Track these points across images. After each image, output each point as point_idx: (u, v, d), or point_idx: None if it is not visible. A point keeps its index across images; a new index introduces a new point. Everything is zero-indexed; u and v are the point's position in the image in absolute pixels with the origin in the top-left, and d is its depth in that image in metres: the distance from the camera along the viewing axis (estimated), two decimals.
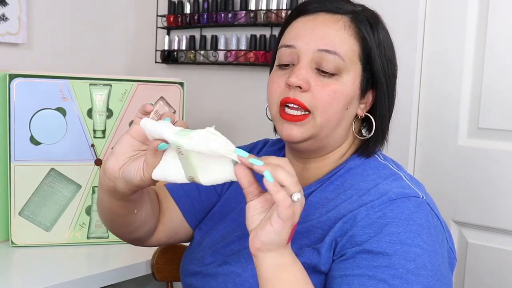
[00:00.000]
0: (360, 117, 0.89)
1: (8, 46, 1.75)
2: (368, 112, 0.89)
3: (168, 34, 1.99)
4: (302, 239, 0.83)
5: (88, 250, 1.30)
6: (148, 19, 2.05)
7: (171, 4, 1.95)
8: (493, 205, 1.36)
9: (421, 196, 0.82)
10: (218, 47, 1.85)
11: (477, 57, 1.37)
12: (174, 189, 1.01)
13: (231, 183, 0.91)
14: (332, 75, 0.83)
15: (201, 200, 1.01)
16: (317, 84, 0.83)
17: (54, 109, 1.27)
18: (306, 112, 0.83)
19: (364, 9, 0.89)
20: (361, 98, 0.87)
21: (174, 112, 1.39)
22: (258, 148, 1.04)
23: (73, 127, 1.29)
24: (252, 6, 1.76)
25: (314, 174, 0.90)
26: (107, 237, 1.34)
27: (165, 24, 1.97)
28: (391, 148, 1.47)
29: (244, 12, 1.77)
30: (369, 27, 0.86)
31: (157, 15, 1.99)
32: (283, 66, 0.86)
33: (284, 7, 1.69)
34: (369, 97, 0.88)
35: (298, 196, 0.67)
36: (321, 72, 0.83)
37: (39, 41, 1.85)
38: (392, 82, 0.89)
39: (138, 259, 1.24)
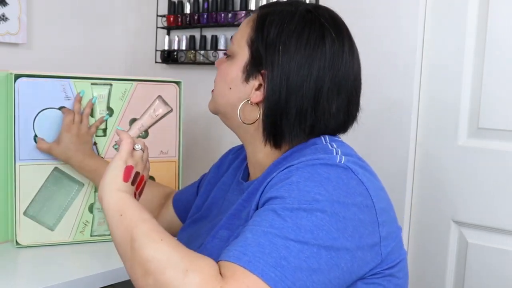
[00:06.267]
0: (251, 103, 0.90)
1: (8, 46, 1.75)
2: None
3: (168, 34, 1.99)
4: (240, 220, 0.86)
5: (90, 249, 1.30)
6: (148, 19, 2.05)
7: (171, 4, 1.95)
8: (493, 205, 1.36)
9: (345, 167, 0.80)
10: (218, 47, 1.85)
11: (477, 57, 1.38)
12: (177, 200, 1.20)
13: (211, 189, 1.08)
14: (228, 57, 0.95)
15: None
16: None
17: (57, 109, 1.28)
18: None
19: (280, 4, 0.93)
20: (247, 81, 0.90)
21: (171, 111, 1.42)
22: (228, 158, 1.11)
23: None
24: (252, 6, 1.76)
25: (260, 170, 0.93)
26: (110, 235, 1.35)
27: (165, 24, 1.97)
28: (391, 148, 1.48)
29: (244, 12, 1.77)
30: (263, 19, 0.90)
31: (157, 15, 1.99)
32: None
33: None
34: (257, 82, 0.90)
35: (138, 146, 0.93)
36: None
37: (39, 41, 1.85)
38: (281, 64, 0.87)
39: None
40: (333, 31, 0.88)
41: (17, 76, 1.23)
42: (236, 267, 0.70)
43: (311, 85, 0.86)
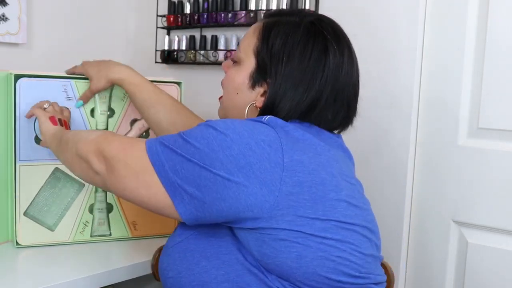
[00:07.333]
0: (256, 107, 0.95)
1: (8, 46, 1.75)
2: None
3: (168, 34, 1.99)
4: None
5: (90, 249, 1.30)
6: (148, 19, 2.05)
7: (171, 4, 1.95)
8: (493, 205, 1.36)
9: (266, 122, 0.86)
10: (218, 47, 1.85)
11: (477, 57, 1.38)
12: None
13: None
14: (235, 62, 0.99)
15: None
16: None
17: None
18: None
19: (284, 13, 0.97)
20: (253, 88, 0.95)
21: None
22: None
23: (77, 127, 1.30)
24: (252, 6, 1.76)
25: None
26: (109, 235, 1.35)
27: (165, 24, 1.97)
28: (391, 148, 1.48)
29: (244, 12, 1.77)
30: (269, 30, 0.94)
31: (157, 15, 1.99)
32: None
33: (284, 7, 1.69)
34: (262, 89, 0.95)
35: (47, 105, 1.20)
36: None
37: (39, 41, 1.85)
38: (284, 74, 0.91)
39: (138, 259, 1.24)
40: (335, 44, 0.92)
41: (18, 76, 1.23)
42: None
43: (312, 94, 0.90)
